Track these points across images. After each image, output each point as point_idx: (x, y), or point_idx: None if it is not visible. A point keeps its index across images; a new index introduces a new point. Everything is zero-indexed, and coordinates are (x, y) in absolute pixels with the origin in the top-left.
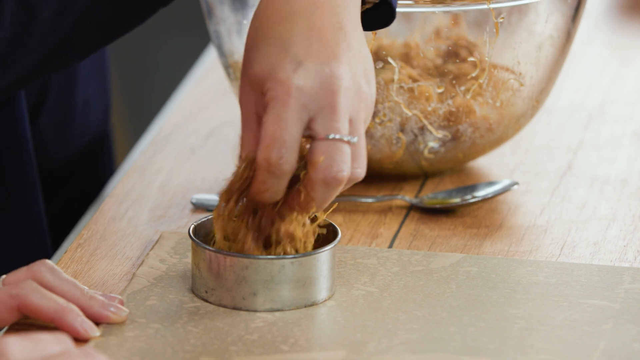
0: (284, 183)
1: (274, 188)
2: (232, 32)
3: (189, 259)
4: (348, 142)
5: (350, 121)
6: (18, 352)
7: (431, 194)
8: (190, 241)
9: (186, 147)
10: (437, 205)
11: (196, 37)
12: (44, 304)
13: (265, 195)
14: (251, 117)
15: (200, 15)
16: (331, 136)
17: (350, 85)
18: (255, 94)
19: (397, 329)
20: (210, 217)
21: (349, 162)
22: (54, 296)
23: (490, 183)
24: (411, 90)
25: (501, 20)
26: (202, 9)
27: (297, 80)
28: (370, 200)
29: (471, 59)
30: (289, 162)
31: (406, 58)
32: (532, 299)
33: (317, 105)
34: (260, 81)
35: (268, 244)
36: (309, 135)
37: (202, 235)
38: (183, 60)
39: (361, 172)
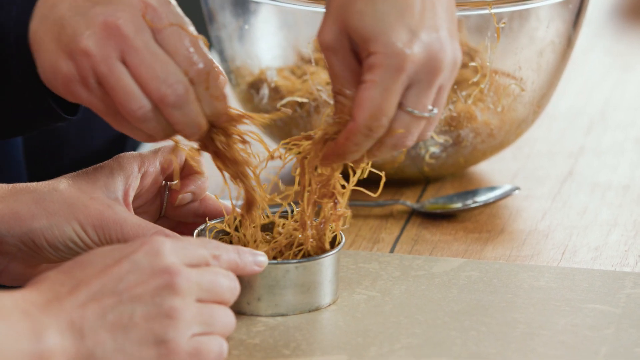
0: (372, 143)
1: (364, 149)
2: (234, 37)
3: None
4: (428, 118)
5: (439, 90)
6: (171, 250)
7: (432, 199)
8: None
9: None
10: (438, 210)
11: None
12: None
13: (354, 155)
14: (345, 69)
15: (201, 21)
16: (416, 112)
17: (451, 59)
18: (351, 45)
19: (398, 334)
20: (215, 221)
21: (419, 132)
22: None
23: (492, 188)
24: None
25: (502, 25)
26: (203, 15)
27: (411, 53)
28: (371, 204)
29: (472, 64)
30: (385, 127)
31: None
32: (533, 304)
33: (418, 77)
34: (367, 39)
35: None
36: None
37: (210, 237)
38: None
39: (427, 135)
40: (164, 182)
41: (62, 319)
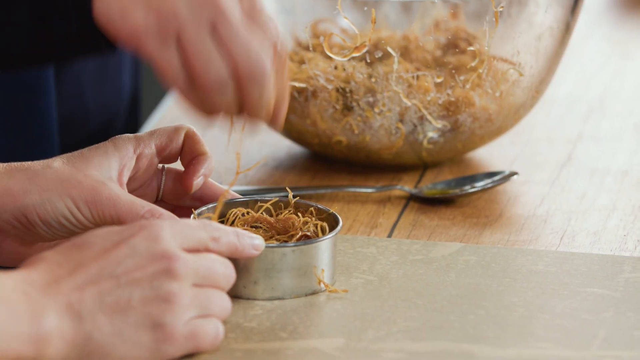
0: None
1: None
2: None
3: None
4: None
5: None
6: (170, 235)
7: (430, 184)
8: None
9: None
10: (437, 196)
11: None
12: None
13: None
14: None
15: None
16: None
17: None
18: None
19: (396, 317)
20: (210, 206)
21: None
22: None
23: (490, 174)
24: (410, 79)
25: (501, 9)
26: None
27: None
28: (369, 190)
29: (470, 48)
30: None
31: (405, 50)
32: (532, 288)
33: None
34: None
35: (284, 231)
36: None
37: None
38: None
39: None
40: (160, 165)
41: (60, 302)
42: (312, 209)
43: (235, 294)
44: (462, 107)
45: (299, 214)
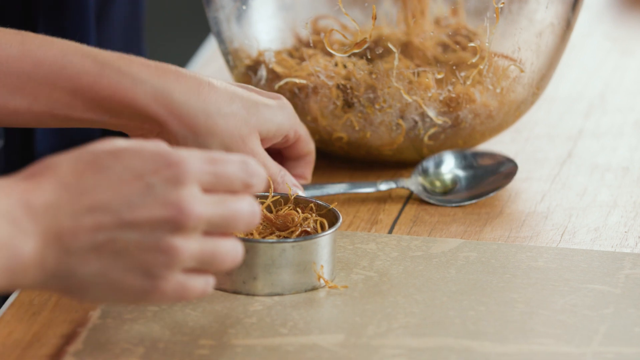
0: None
1: None
2: (231, 18)
3: None
4: None
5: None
6: (194, 178)
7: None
8: None
9: None
10: (440, 199)
11: (196, 26)
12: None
13: None
14: None
15: (199, 2)
16: None
17: None
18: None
19: (396, 313)
20: None
21: None
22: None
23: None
24: (411, 76)
25: (501, 5)
26: None
27: None
28: (370, 190)
29: (471, 44)
30: None
31: (406, 47)
32: (532, 284)
33: None
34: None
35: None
36: None
37: None
38: (183, 49)
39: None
40: None
41: (52, 229)
42: (312, 204)
43: (234, 290)
44: (463, 103)
45: (299, 210)
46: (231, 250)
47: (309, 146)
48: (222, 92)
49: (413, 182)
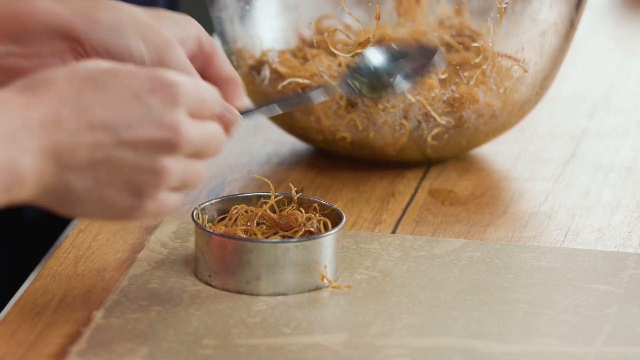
0: None
1: None
2: (235, 18)
3: (190, 244)
4: None
5: None
6: (187, 103)
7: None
8: (192, 225)
9: None
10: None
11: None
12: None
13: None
14: None
15: (202, 2)
16: None
17: None
18: None
19: (400, 313)
20: (214, 200)
21: None
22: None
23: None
24: None
25: (505, 5)
26: None
27: None
28: (299, 101)
29: (475, 44)
30: None
31: None
32: (535, 284)
33: None
34: None
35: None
36: None
37: (205, 219)
38: None
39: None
40: None
41: (51, 145)
42: (315, 204)
43: (238, 290)
44: (466, 103)
45: (302, 210)
46: (202, 170)
47: (229, 66)
48: (127, 6)
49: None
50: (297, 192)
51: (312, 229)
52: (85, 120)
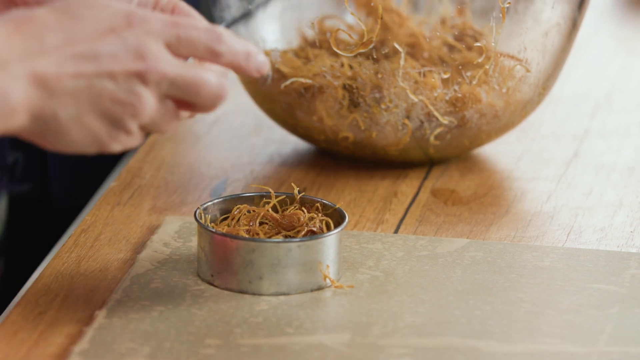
0: None
1: None
2: (237, 18)
3: (192, 243)
4: None
5: None
6: (162, 34)
7: None
8: (194, 225)
9: (191, 135)
10: None
11: None
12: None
13: None
14: None
15: (205, 2)
16: None
17: None
18: None
19: (402, 313)
20: (215, 201)
21: None
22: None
23: None
24: (417, 76)
25: (507, 5)
26: None
27: None
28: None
29: (477, 44)
30: None
31: (412, 48)
32: (538, 284)
33: None
34: None
35: (290, 227)
36: None
37: (207, 219)
38: None
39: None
40: None
41: (36, 72)
42: (318, 204)
43: (240, 289)
44: (469, 103)
45: (305, 210)
46: (176, 114)
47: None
48: None
49: None
50: (299, 192)
51: (314, 229)
52: (68, 50)
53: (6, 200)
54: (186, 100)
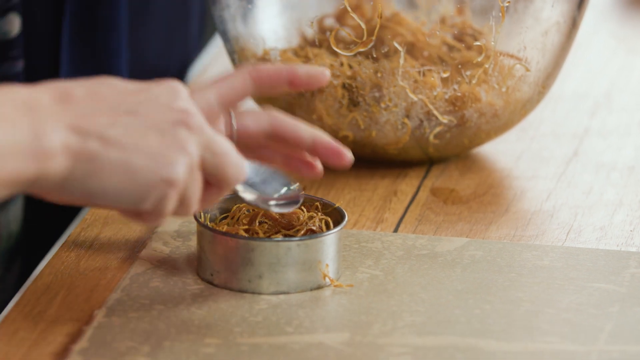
0: None
1: None
2: (237, 17)
3: (192, 242)
4: None
5: None
6: (190, 96)
7: None
8: (193, 224)
9: None
10: None
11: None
12: None
13: None
14: None
15: (205, 1)
16: None
17: None
18: None
19: (402, 312)
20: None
21: None
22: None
23: None
24: (416, 75)
25: (507, 4)
26: None
27: None
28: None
29: (477, 43)
30: None
31: (411, 47)
32: (537, 283)
33: None
34: None
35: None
36: None
37: (207, 218)
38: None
39: None
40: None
41: (68, 119)
42: (317, 203)
43: (240, 288)
44: (469, 102)
45: (304, 209)
46: (201, 194)
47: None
48: None
49: None
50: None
51: (314, 228)
52: (97, 103)
53: (22, 200)
54: (212, 174)
